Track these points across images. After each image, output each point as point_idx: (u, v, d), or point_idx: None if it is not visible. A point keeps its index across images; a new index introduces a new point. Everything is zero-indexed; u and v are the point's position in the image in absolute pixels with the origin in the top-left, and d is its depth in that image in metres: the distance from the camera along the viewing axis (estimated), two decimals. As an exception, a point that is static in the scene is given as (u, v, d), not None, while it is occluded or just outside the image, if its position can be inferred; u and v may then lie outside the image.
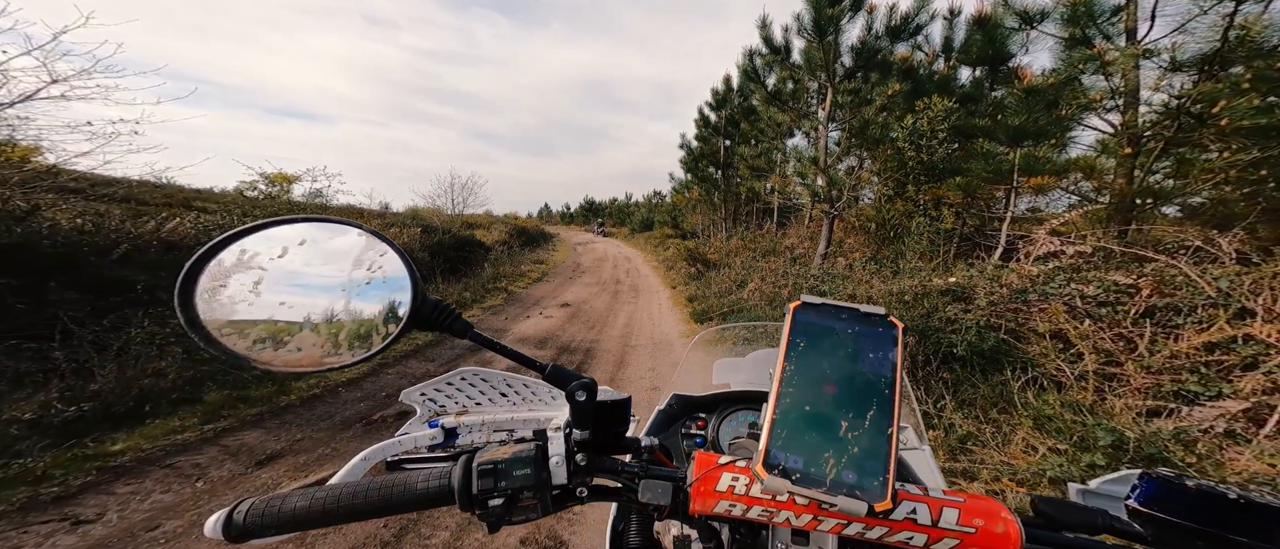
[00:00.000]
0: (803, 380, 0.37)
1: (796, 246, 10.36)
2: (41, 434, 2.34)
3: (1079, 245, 3.16)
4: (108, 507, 2.00)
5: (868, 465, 0.33)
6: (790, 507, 0.36)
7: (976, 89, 8.15)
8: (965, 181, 6.44)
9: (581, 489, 0.43)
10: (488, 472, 0.40)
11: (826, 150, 8.88)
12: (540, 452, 0.42)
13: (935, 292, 3.69)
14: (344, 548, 1.80)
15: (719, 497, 0.38)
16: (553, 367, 0.44)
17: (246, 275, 0.40)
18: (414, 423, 0.66)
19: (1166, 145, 4.50)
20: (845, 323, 0.40)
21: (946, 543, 0.34)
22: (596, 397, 0.43)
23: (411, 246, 8.04)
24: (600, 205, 56.40)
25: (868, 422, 0.35)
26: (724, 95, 14.46)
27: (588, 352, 4.81)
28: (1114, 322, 2.44)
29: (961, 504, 0.35)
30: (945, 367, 3.04)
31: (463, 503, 0.40)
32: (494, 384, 0.70)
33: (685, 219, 19.11)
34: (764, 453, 0.34)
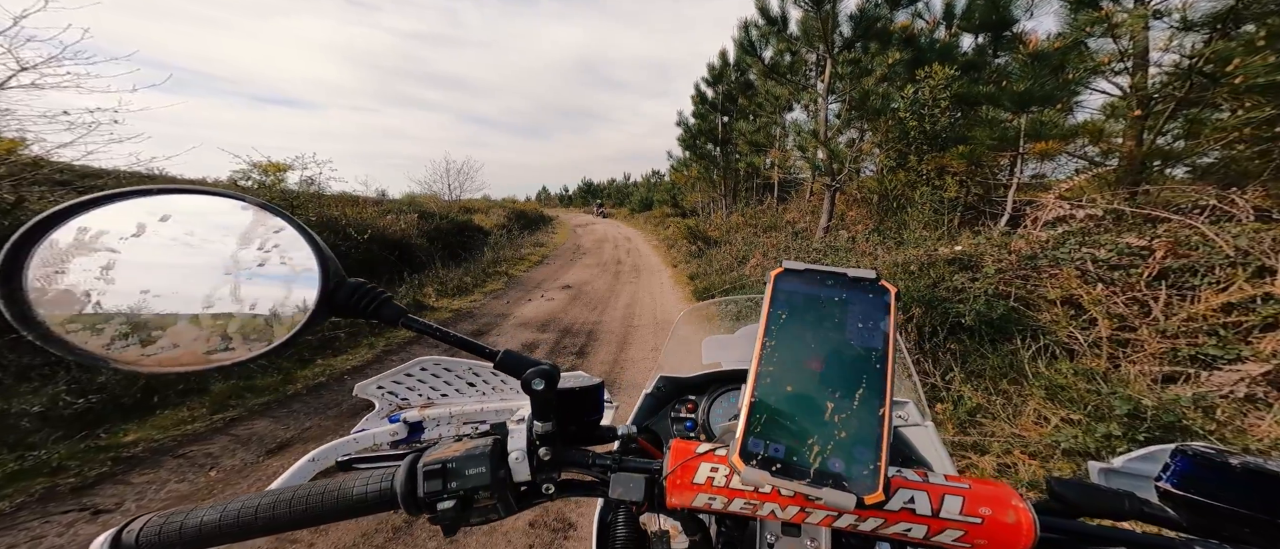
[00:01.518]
0: (785, 357, 0.34)
1: (798, 221, 10.28)
2: (53, 426, 2.35)
3: (1089, 208, 3.11)
4: (125, 497, 2.01)
5: (857, 452, 0.30)
6: (775, 499, 0.33)
7: (979, 56, 7.92)
8: (969, 150, 6.33)
9: (547, 485, 0.40)
10: (435, 472, 0.36)
11: (826, 123, 8.68)
12: (497, 447, 0.38)
13: (941, 261, 3.66)
14: (355, 534, 1.83)
15: (697, 490, 0.35)
16: (505, 353, 0.39)
17: (90, 259, 0.33)
18: (372, 418, 0.62)
19: (1177, 106, 4.39)
20: (831, 289, 0.36)
21: (950, 534, 0.31)
22: (557, 384, 0.38)
23: (409, 232, 7.92)
24: (599, 187, 55.77)
25: (857, 401, 0.31)
26: (721, 70, 14.05)
27: (590, 333, 4.81)
28: (1127, 285, 2.41)
29: (966, 490, 0.32)
30: (953, 337, 3.04)
31: (408, 507, 0.36)
32: (459, 373, 0.64)
33: (685, 197, 18.91)
34: (741, 442, 0.31)
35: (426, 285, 6.31)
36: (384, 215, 8.21)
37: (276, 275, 0.36)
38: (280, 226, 0.37)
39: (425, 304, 5.67)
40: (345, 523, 1.90)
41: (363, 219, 7.20)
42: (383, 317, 0.38)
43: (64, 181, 4.74)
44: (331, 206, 7.29)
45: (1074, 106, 6.03)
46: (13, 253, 0.30)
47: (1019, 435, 2.09)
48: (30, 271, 0.31)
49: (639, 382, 3.45)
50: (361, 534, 1.85)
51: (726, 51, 13.73)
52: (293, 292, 0.36)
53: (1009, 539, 0.30)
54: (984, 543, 0.30)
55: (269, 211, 0.37)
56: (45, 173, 4.64)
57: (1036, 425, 2.11)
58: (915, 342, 3.09)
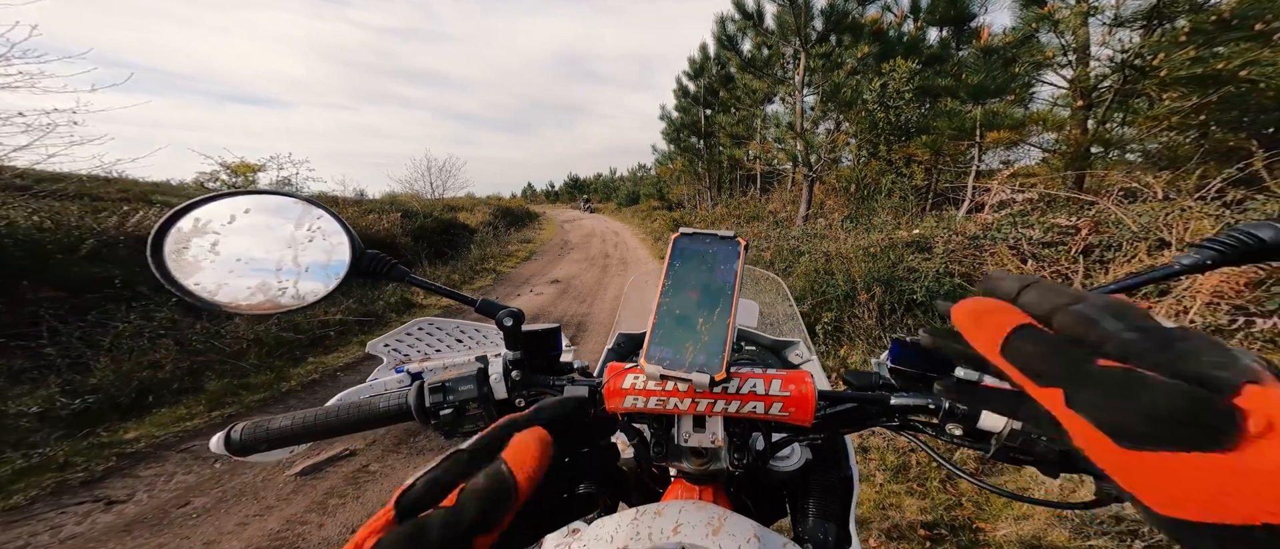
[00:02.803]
0: (677, 291, 0.46)
1: (779, 210, 10.57)
2: (52, 426, 2.41)
3: (1027, 193, 3.42)
4: (136, 488, 2.10)
5: (712, 348, 0.41)
6: (676, 394, 0.44)
7: (943, 49, 8.27)
8: (932, 139, 6.67)
9: (520, 400, 0.52)
10: (437, 389, 0.48)
11: (803, 115, 8.95)
12: (481, 373, 0.50)
13: (900, 243, 3.94)
14: (361, 515, 1.97)
15: (625, 394, 0.46)
16: (482, 301, 0.50)
17: (204, 239, 0.49)
18: (381, 370, 0.73)
19: (1116, 97, 4.77)
20: (707, 245, 0.49)
21: (776, 405, 0.45)
22: (523, 322, 0.51)
23: (392, 232, 7.89)
24: (585, 182, 55.28)
25: (715, 316, 0.43)
26: (701, 64, 14.16)
27: (580, 325, 4.96)
28: (1054, 260, 2.71)
29: (784, 376, 0.46)
30: (909, 314, 3.32)
31: (418, 416, 0.48)
32: (448, 332, 0.77)
33: (670, 190, 19.06)
34: (646, 348, 0.42)
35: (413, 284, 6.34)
36: (365, 215, 8.14)
37: (320, 247, 0.51)
38: (320, 215, 0.52)
39: (413, 301, 5.71)
40: (352, 506, 2.04)
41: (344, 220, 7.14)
42: (392, 276, 0.51)
43: (22, 187, 4.61)
44: (311, 207, 7.19)
45: (1028, 98, 6.42)
46: (157, 236, 0.46)
47: None
48: (167, 248, 0.48)
49: None
50: (368, 513, 1.99)
51: (707, 45, 13.82)
52: (332, 258, 0.51)
53: (803, 404, 0.45)
54: (793, 408, 0.45)
55: (312, 204, 0.52)
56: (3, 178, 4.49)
57: None
58: (876, 318, 3.36)
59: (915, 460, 2.13)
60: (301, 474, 2.25)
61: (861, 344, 3.26)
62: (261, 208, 0.52)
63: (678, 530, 0.41)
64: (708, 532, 0.40)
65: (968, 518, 1.78)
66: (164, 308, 3.51)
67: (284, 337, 3.89)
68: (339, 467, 2.32)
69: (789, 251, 5.42)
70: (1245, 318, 1.80)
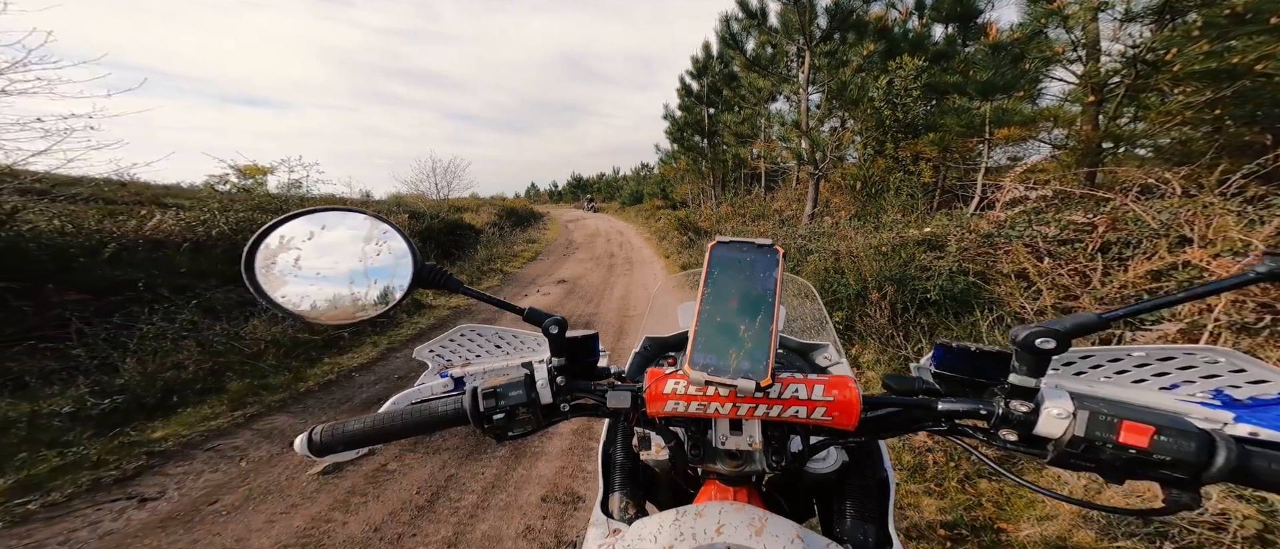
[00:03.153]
0: (717, 299, 0.47)
1: (785, 209, 10.55)
2: (83, 425, 2.47)
3: (1041, 190, 3.40)
4: (166, 486, 2.15)
5: (756, 354, 0.42)
6: (716, 399, 0.45)
7: (949, 46, 8.22)
8: (940, 136, 6.63)
9: (564, 405, 0.53)
10: (490, 394, 0.50)
11: (808, 113, 8.92)
12: (528, 378, 0.52)
13: (912, 242, 3.93)
14: (382, 513, 2.00)
15: (666, 398, 0.47)
16: (530, 310, 0.53)
17: (289, 254, 0.52)
18: (428, 375, 0.76)
19: (1128, 92, 4.73)
20: (745, 253, 0.51)
21: (819, 410, 0.45)
22: (567, 330, 0.52)
23: (400, 233, 7.96)
24: (588, 181, 55.34)
25: (758, 323, 0.44)
26: (704, 63, 14.12)
27: (587, 325, 4.99)
28: (1071, 258, 2.70)
29: (826, 381, 0.46)
30: (922, 312, 3.31)
31: (474, 421, 0.50)
32: (489, 338, 0.80)
33: (674, 189, 19.04)
34: (690, 355, 0.43)
35: (423, 285, 6.39)
36: (374, 217, 8.20)
37: (387, 259, 0.55)
38: (387, 230, 0.55)
39: (424, 303, 5.77)
40: (374, 505, 2.07)
41: (354, 221, 7.20)
42: (449, 286, 0.54)
43: (41, 191, 4.69)
44: (320, 209, 7.27)
45: (1037, 94, 6.37)
46: (249, 252, 0.50)
47: None
48: (258, 263, 0.52)
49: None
50: (390, 513, 2.03)
51: (710, 44, 13.77)
52: (397, 270, 0.54)
53: (847, 409, 0.45)
54: (836, 414, 0.45)
55: (379, 220, 0.55)
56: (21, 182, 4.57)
57: None
58: (888, 317, 3.36)
59: (932, 460, 2.13)
60: (324, 473, 2.29)
61: (873, 343, 3.27)
62: (336, 223, 0.55)
63: (721, 531, 0.41)
64: (750, 532, 0.40)
65: (989, 518, 1.78)
66: (185, 310, 3.57)
67: (300, 338, 3.95)
68: (359, 466, 2.36)
69: (797, 250, 5.42)
70: (1273, 317, 1.78)
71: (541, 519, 1.95)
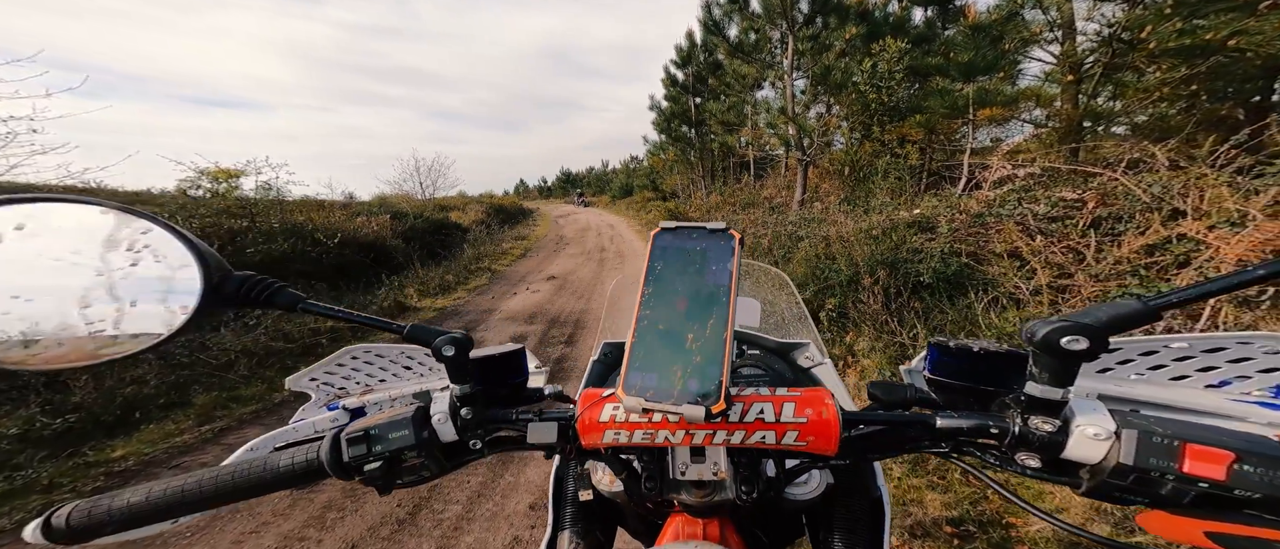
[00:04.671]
0: (659, 300, 0.38)
1: (774, 196, 10.53)
2: (35, 447, 2.32)
3: (1028, 167, 3.39)
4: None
5: (708, 371, 0.34)
6: (666, 426, 0.37)
7: (929, 29, 8.23)
8: (925, 118, 6.63)
9: (475, 442, 0.42)
10: (358, 439, 0.39)
11: (793, 99, 8.87)
12: (420, 412, 0.41)
13: (902, 225, 3.90)
14: (361, 529, 1.88)
15: (604, 427, 0.38)
16: (412, 326, 0.40)
17: None
18: (310, 408, 0.62)
19: (1105, 71, 4.75)
20: (695, 241, 0.41)
21: (791, 435, 0.37)
22: (469, 350, 0.41)
23: (382, 234, 7.69)
24: (578, 176, 54.86)
25: (708, 329, 0.36)
26: (688, 52, 13.99)
27: (577, 322, 4.87)
28: (1063, 235, 2.67)
29: (797, 398, 0.38)
30: (915, 296, 3.27)
31: (336, 472, 0.39)
32: (392, 358, 0.65)
33: (664, 181, 18.94)
34: (624, 376, 0.35)
35: (407, 286, 6.19)
36: (354, 218, 7.93)
37: (153, 274, 0.37)
38: (147, 227, 0.37)
39: (407, 304, 5.58)
40: (352, 520, 1.95)
41: (331, 223, 6.93)
42: (277, 304, 0.39)
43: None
44: (296, 212, 6.98)
45: (1017, 74, 6.40)
46: None
47: None
48: None
49: None
50: (369, 528, 1.91)
51: (693, 32, 13.68)
52: (175, 287, 0.37)
53: (824, 430, 0.37)
54: (812, 439, 0.37)
55: (131, 214, 0.37)
56: None
57: None
58: (882, 302, 3.32)
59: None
60: (296, 490, 2.16)
61: (867, 329, 3.22)
62: (45, 221, 0.35)
63: None
64: None
65: (996, 513, 1.73)
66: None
67: (274, 346, 3.76)
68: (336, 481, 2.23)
69: (787, 237, 5.37)
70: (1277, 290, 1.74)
71: (530, 529, 1.86)
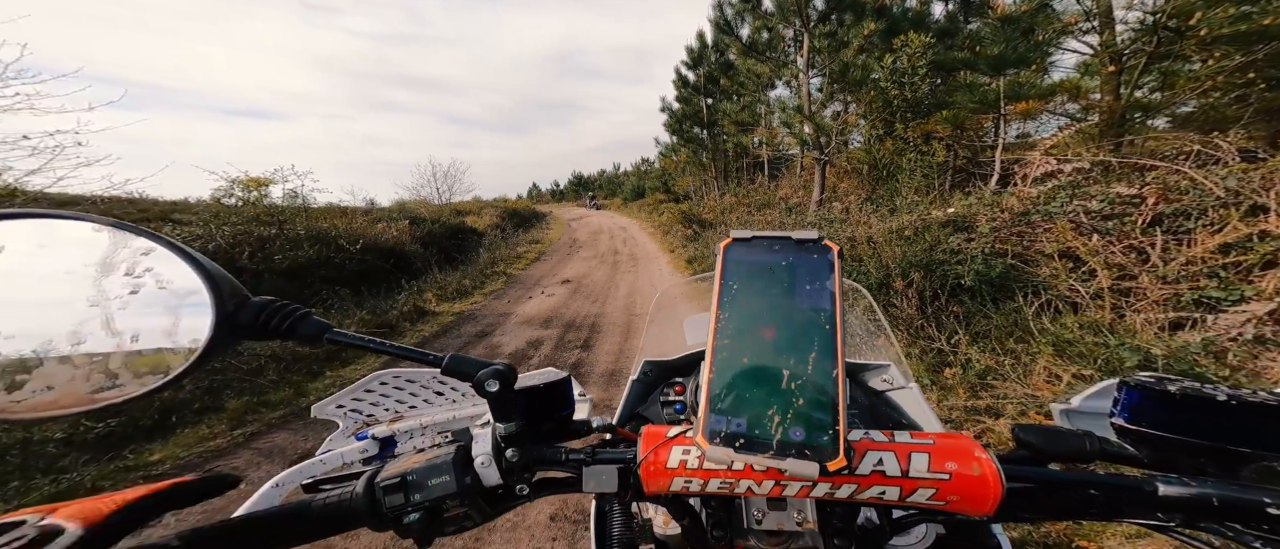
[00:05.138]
0: (740, 328, 0.33)
1: (791, 196, 10.34)
2: (79, 450, 2.39)
3: (1076, 162, 3.20)
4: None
5: (816, 417, 0.29)
6: (749, 475, 0.32)
7: (951, 22, 7.98)
8: (952, 114, 6.42)
9: (521, 486, 0.38)
10: (395, 486, 0.34)
11: (810, 97, 8.70)
12: (461, 454, 0.37)
13: (935, 224, 3.73)
14: (380, 542, 1.83)
15: (672, 474, 0.34)
16: (450, 358, 0.36)
17: None
18: (337, 438, 0.58)
19: (1150, 60, 4.50)
20: (778, 254, 0.35)
21: (923, 493, 0.30)
22: (513, 384, 0.37)
23: (401, 240, 7.79)
24: (589, 179, 55.15)
25: (810, 365, 0.30)
26: (699, 53, 13.91)
27: (593, 326, 4.81)
28: (1123, 233, 2.49)
29: (931, 446, 0.31)
30: (955, 300, 3.11)
31: (372, 522, 0.35)
32: (423, 383, 0.62)
33: (676, 182, 18.85)
34: (704, 421, 0.31)
35: (426, 291, 6.24)
36: (375, 224, 8.06)
37: (156, 302, 0.32)
38: (148, 247, 0.32)
39: (426, 309, 5.61)
40: (372, 537, 1.91)
41: (354, 229, 7.06)
42: (301, 335, 0.34)
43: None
44: (320, 219, 7.13)
45: (1049, 66, 6.14)
46: None
47: (1033, 396, 2.03)
48: None
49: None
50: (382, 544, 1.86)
51: (704, 33, 13.59)
52: (182, 317, 0.32)
53: (977, 492, 0.29)
54: (955, 499, 0.29)
55: (128, 231, 0.32)
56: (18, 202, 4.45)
57: (1048, 384, 2.06)
58: (917, 307, 3.17)
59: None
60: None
61: (902, 335, 3.08)
62: (25, 241, 0.30)
63: None
64: None
65: (1063, 534, 1.59)
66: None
67: (300, 351, 3.80)
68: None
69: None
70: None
71: (551, 541, 1.80)
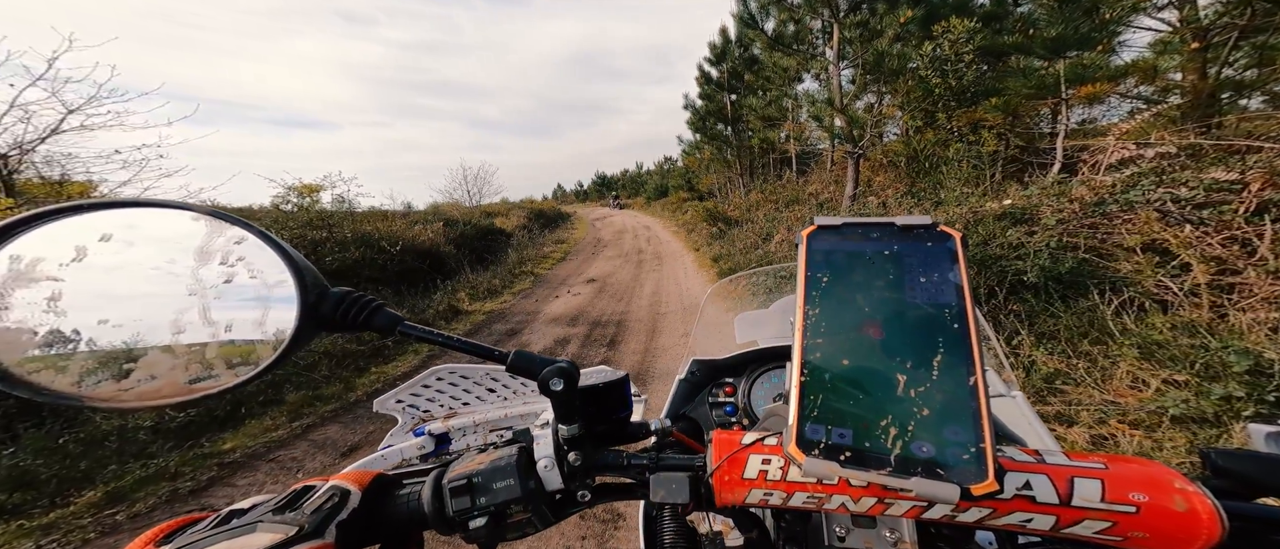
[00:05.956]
0: (834, 326, 0.30)
1: (821, 192, 10.02)
2: (164, 438, 2.61)
3: (1159, 147, 2.90)
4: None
5: (950, 432, 0.25)
6: (844, 490, 0.29)
7: (998, 5, 7.48)
8: (1003, 101, 6.01)
9: (583, 492, 0.37)
10: (461, 488, 0.33)
11: (841, 89, 8.37)
12: (524, 456, 0.36)
13: (990, 217, 3.49)
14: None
15: (748, 485, 0.31)
16: (516, 353, 0.35)
17: (32, 290, 0.29)
18: (397, 433, 0.59)
19: (1241, 34, 4.03)
20: (878, 242, 0.32)
21: (1090, 526, 0.25)
22: (577, 382, 0.35)
23: (436, 241, 8.08)
24: (612, 179, 55.59)
25: (937, 370, 0.27)
26: (723, 48, 13.69)
27: (619, 324, 4.81)
28: (1222, 223, 2.23)
29: (1103, 472, 0.26)
30: (1015, 297, 2.90)
31: (439, 527, 0.34)
32: (477, 379, 0.63)
33: (700, 180, 18.68)
34: (796, 429, 0.27)
35: (459, 290, 6.44)
36: (412, 226, 8.40)
37: (248, 291, 0.32)
38: (241, 236, 0.33)
39: (460, 309, 5.78)
40: None
41: (393, 232, 7.38)
42: (376, 326, 0.34)
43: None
44: (365, 222, 7.51)
45: (1118, 47, 5.63)
46: None
47: (1113, 402, 1.89)
48: None
49: (674, 369, 3.43)
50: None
51: (726, 28, 13.39)
52: (270, 308, 0.32)
53: (1180, 532, 0.24)
54: (1143, 536, 0.24)
55: (224, 220, 0.33)
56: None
57: (1132, 389, 1.90)
58: (973, 303, 2.97)
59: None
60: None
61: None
62: (130, 230, 0.31)
63: None
64: None
65: None
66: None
67: (350, 347, 4.01)
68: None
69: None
70: None
71: (580, 540, 1.80)
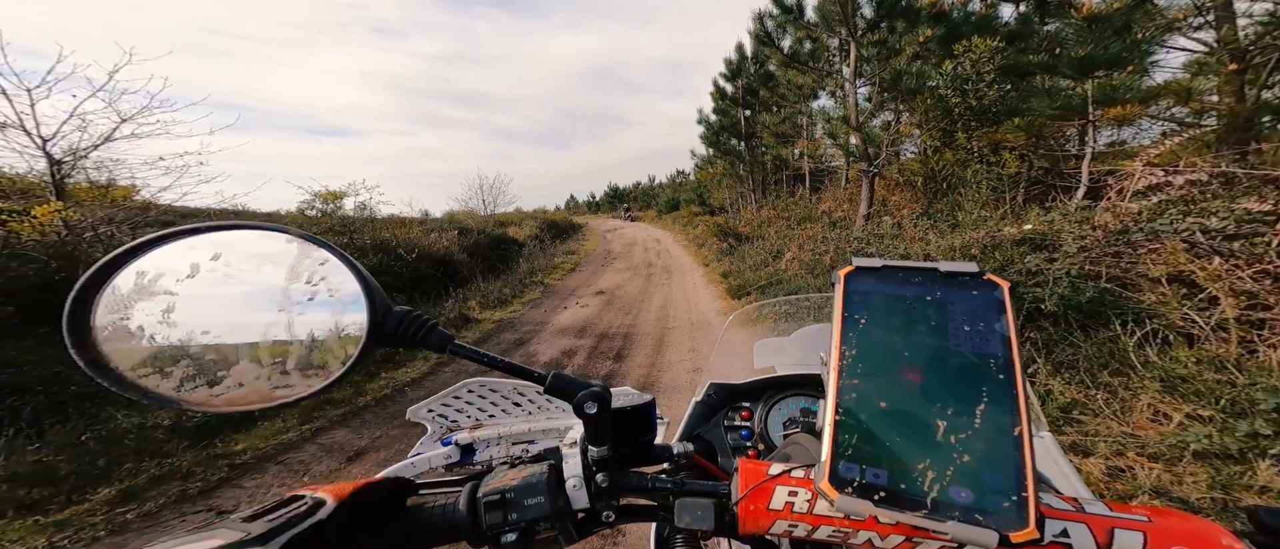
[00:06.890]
0: (871, 368, 0.30)
1: (834, 210, 9.89)
2: (180, 437, 2.70)
3: (1189, 174, 2.77)
4: (241, 499, 2.23)
5: (990, 479, 0.25)
6: (872, 527, 0.29)
7: (1023, 25, 7.37)
8: (1027, 122, 5.86)
9: (607, 513, 0.38)
10: (495, 503, 0.35)
11: (857, 107, 8.33)
12: (554, 474, 0.37)
13: (1008, 242, 3.39)
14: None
15: (774, 516, 0.31)
16: (554, 376, 0.37)
17: (152, 303, 0.33)
18: (426, 441, 0.62)
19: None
20: (921, 288, 0.32)
21: None
22: (611, 405, 0.36)
23: (450, 249, 8.28)
24: (624, 191, 56.21)
25: (980, 418, 0.27)
26: (738, 64, 13.84)
27: (626, 337, 4.81)
28: (1253, 257, 2.12)
29: (1145, 524, 0.26)
30: (1032, 325, 2.80)
31: (472, 538, 0.35)
32: (504, 394, 0.64)
33: (712, 195, 18.70)
34: (830, 466, 0.28)
35: (470, 299, 6.56)
36: (428, 234, 8.64)
37: (326, 307, 0.36)
38: (325, 258, 0.37)
39: (470, 317, 5.88)
40: None
41: (410, 239, 7.61)
42: (430, 344, 0.36)
43: (167, 222, 5.34)
44: (383, 229, 7.77)
45: (1150, 67, 5.45)
46: (78, 301, 0.31)
47: (1132, 434, 1.85)
48: (98, 319, 0.32)
49: (679, 384, 3.40)
50: None
51: (743, 44, 13.55)
52: (343, 323, 0.36)
53: None
54: None
55: (312, 243, 0.37)
56: (151, 215, 5.26)
57: (1153, 423, 1.86)
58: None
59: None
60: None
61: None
62: (237, 249, 0.36)
63: None
64: None
65: None
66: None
67: (362, 352, 4.11)
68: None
69: (854, 254, 4.93)
70: None
71: (600, 539, 1.79)
